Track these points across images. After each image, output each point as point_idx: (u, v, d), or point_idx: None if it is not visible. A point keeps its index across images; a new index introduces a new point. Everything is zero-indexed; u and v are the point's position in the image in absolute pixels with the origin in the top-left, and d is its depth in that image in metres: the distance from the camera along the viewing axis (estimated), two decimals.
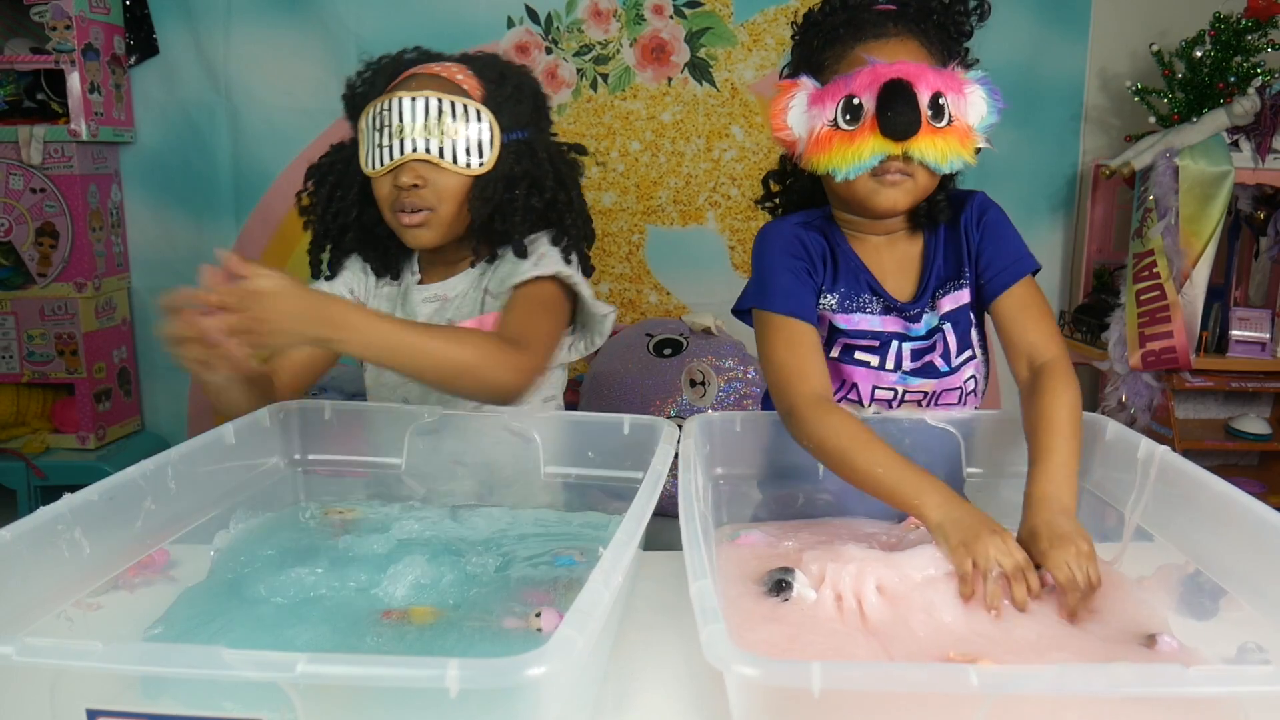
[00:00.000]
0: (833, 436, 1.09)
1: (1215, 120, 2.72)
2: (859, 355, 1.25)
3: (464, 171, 1.31)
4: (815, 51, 1.21)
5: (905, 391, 1.25)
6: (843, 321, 1.24)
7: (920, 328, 1.24)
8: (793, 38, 1.27)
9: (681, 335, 2.81)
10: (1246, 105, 2.68)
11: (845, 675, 0.64)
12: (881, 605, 0.91)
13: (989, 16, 1.23)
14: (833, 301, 1.24)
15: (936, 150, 1.12)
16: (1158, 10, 3.02)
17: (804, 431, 1.12)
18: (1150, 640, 0.87)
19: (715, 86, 3.15)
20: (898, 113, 1.10)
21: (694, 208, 3.22)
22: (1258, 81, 2.70)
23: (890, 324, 1.24)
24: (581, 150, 1.48)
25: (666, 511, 0.92)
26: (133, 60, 3.13)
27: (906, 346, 1.24)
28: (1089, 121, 3.17)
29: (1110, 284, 3.10)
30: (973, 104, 1.16)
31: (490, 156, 1.33)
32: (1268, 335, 2.88)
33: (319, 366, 1.43)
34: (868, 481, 1.06)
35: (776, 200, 1.40)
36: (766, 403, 1.36)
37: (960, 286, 1.25)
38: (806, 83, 1.17)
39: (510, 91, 1.36)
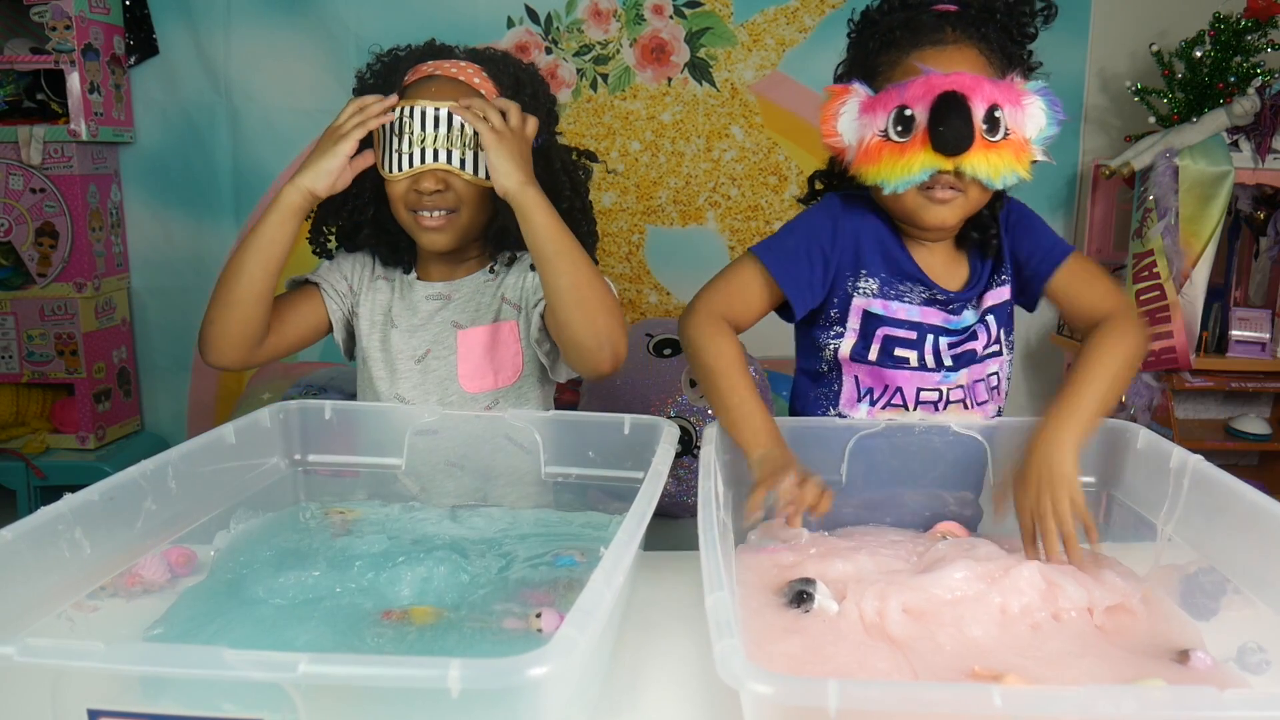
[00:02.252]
0: (713, 355, 1.18)
1: (1215, 120, 2.72)
2: (899, 352, 1.22)
3: (482, 182, 1.30)
4: (870, 55, 1.18)
5: (949, 390, 1.24)
6: (880, 307, 1.21)
7: (959, 321, 1.23)
8: (849, 35, 1.24)
9: None
10: (1246, 105, 2.68)
11: (863, 694, 0.62)
12: (907, 621, 0.89)
13: (1055, 18, 1.20)
14: (873, 286, 1.22)
15: (989, 166, 1.09)
16: (1158, 10, 3.02)
17: (693, 336, 1.20)
18: (1183, 656, 0.86)
19: (715, 86, 3.15)
20: (950, 127, 1.07)
21: (694, 208, 3.22)
22: (1257, 81, 2.70)
23: (930, 315, 1.22)
24: (593, 157, 1.48)
25: (667, 512, 0.92)
26: (133, 60, 3.13)
27: (944, 340, 1.23)
28: (1089, 121, 3.17)
29: None
30: (1031, 116, 1.12)
31: None
32: (1267, 335, 2.88)
33: (306, 336, 1.41)
34: (720, 406, 1.15)
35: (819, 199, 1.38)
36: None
37: (1003, 283, 1.26)
38: (858, 89, 1.15)
39: (526, 100, 1.35)
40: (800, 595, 0.91)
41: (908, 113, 1.09)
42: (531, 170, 1.26)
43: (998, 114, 1.09)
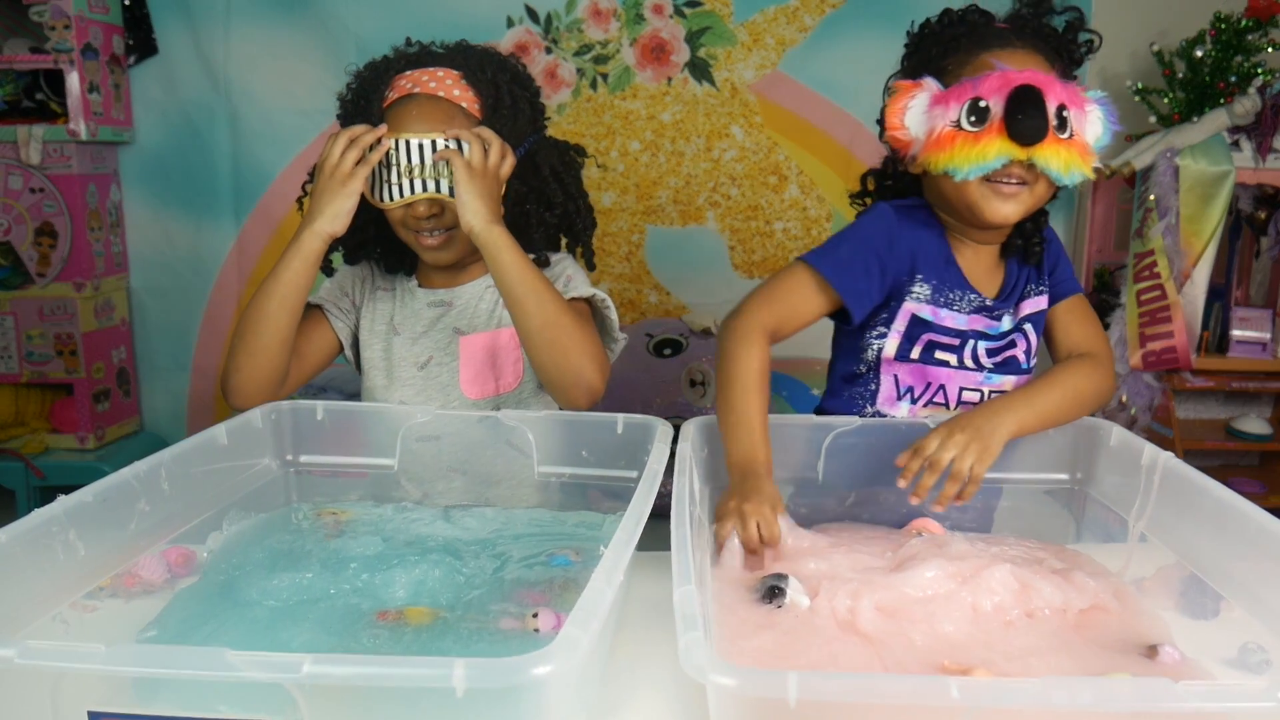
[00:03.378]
0: (740, 365, 1.16)
1: (1216, 120, 2.72)
2: (939, 355, 1.24)
3: None
4: (933, 59, 1.20)
5: (991, 391, 1.25)
6: (929, 313, 1.23)
7: (999, 326, 1.25)
8: (906, 45, 1.26)
9: (681, 335, 2.82)
10: (1247, 105, 2.68)
11: (822, 686, 0.63)
12: (879, 618, 0.89)
13: (1098, 49, 1.23)
14: (925, 292, 1.23)
15: (1060, 160, 1.11)
16: (1158, 10, 3.02)
17: (728, 342, 1.19)
18: (1151, 651, 0.86)
19: (715, 86, 3.15)
20: (1028, 116, 1.09)
21: (694, 208, 3.21)
22: (1258, 81, 2.70)
23: (975, 322, 1.24)
24: (581, 151, 1.47)
25: (662, 512, 0.92)
26: (132, 60, 3.13)
27: (982, 345, 1.25)
28: None
29: (1110, 284, 3.10)
30: (1091, 122, 1.15)
31: None
32: (1268, 335, 2.87)
33: (321, 363, 1.43)
34: (724, 415, 1.14)
35: (868, 200, 1.37)
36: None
37: (1040, 293, 1.28)
38: (930, 83, 1.16)
39: (508, 106, 1.34)
40: (772, 590, 0.91)
41: (982, 104, 1.11)
42: (500, 210, 1.28)
43: (1066, 113, 1.12)
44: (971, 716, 0.62)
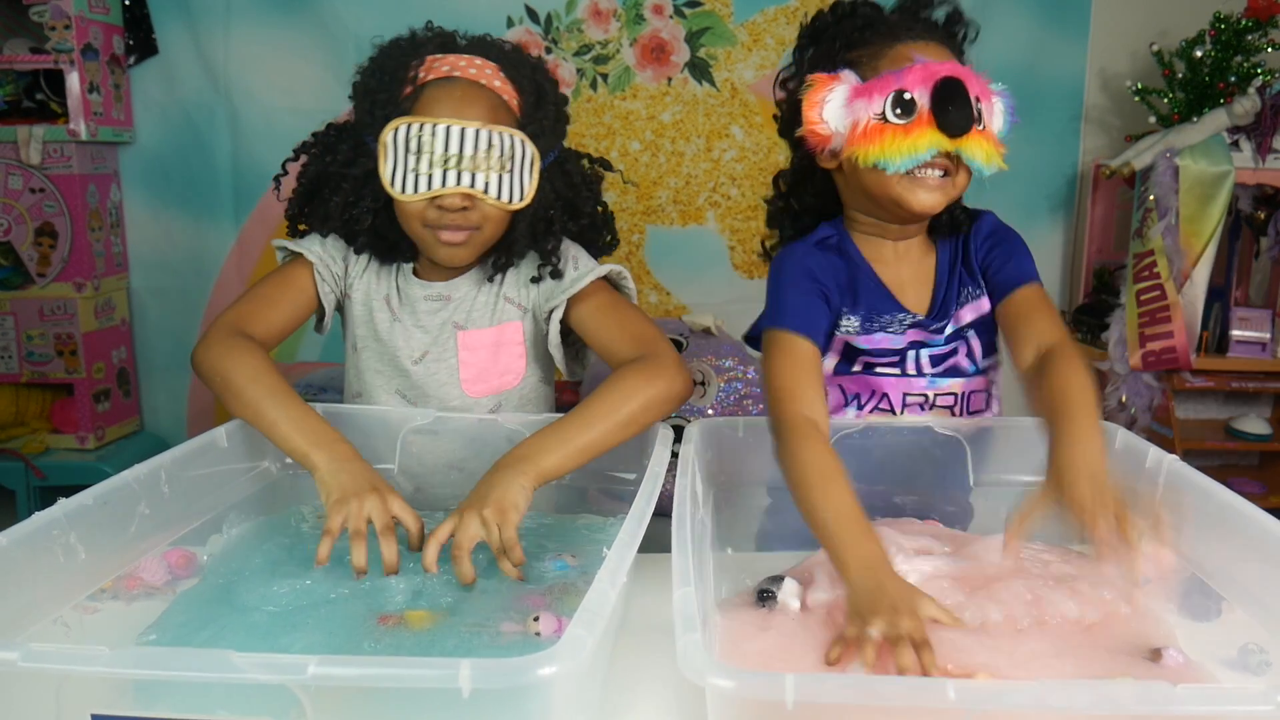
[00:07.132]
0: (798, 468, 1.02)
1: (1215, 120, 2.71)
2: (880, 369, 1.23)
3: (506, 207, 1.24)
4: (838, 52, 1.19)
5: (936, 395, 1.24)
6: (864, 342, 1.22)
7: (941, 339, 1.23)
8: (799, 39, 1.25)
9: (681, 335, 2.81)
10: (1247, 105, 2.67)
11: (819, 688, 0.64)
12: None
13: (976, 39, 1.24)
14: (854, 324, 1.22)
15: (983, 151, 1.12)
16: (1158, 10, 3.02)
17: (779, 456, 1.08)
18: (1156, 654, 0.86)
19: (715, 86, 3.15)
20: (956, 108, 1.09)
21: (694, 208, 3.21)
22: (1258, 81, 2.70)
23: (913, 335, 1.23)
24: (607, 165, 1.42)
25: (663, 511, 0.92)
26: (132, 60, 3.13)
27: (925, 353, 1.23)
28: (1089, 121, 3.16)
29: (1110, 284, 3.10)
30: (997, 112, 1.16)
31: (530, 189, 1.25)
32: (1268, 335, 2.87)
33: (298, 320, 1.37)
34: (813, 523, 0.98)
35: (783, 203, 1.36)
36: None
37: (978, 296, 1.25)
38: (847, 76, 1.15)
39: (550, 112, 1.29)
40: (762, 594, 0.92)
41: (907, 96, 1.10)
42: (518, 478, 1.08)
43: (979, 106, 1.12)
44: (969, 719, 0.62)
